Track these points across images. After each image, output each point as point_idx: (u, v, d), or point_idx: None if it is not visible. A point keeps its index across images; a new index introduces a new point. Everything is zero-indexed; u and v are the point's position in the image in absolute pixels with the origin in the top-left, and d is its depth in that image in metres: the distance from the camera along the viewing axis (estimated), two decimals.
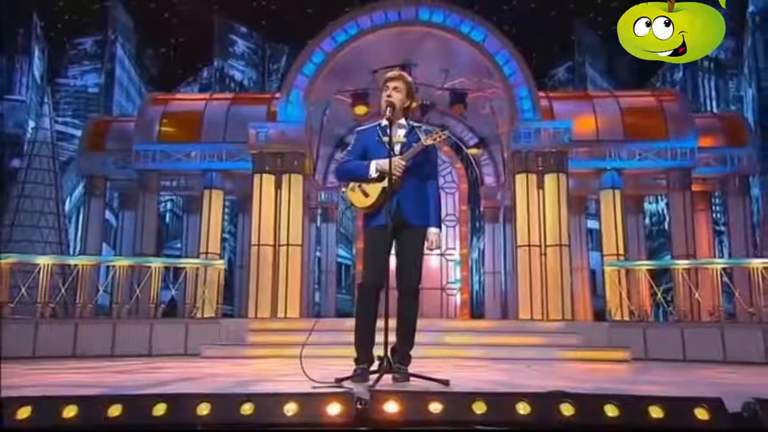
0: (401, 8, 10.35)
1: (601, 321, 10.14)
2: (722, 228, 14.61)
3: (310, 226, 12.56)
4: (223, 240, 12.78)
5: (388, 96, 3.91)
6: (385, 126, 3.93)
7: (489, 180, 13.67)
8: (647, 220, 15.36)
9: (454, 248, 13.52)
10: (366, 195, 3.80)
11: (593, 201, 13.50)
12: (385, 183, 3.71)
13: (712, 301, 9.40)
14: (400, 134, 3.90)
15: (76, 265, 9.33)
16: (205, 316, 9.56)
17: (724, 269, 9.16)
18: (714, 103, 16.32)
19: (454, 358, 7.20)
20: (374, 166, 3.76)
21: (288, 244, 9.89)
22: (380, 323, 3.56)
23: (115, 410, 2.05)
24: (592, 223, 13.91)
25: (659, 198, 16.23)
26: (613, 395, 2.09)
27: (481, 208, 14.08)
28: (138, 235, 11.40)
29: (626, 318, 9.60)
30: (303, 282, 10.19)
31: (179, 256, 13.40)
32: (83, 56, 17.70)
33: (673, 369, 6.17)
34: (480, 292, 15.16)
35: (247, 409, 2.08)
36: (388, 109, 3.86)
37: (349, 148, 4.17)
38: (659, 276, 11.47)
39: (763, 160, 13.18)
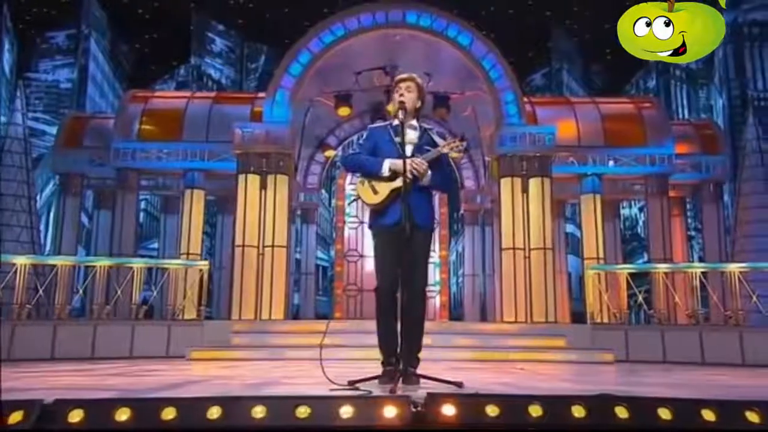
0: (389, 10, 10.36)
1: (578, 323, 10.30)
2: (693, 233, 15.02)
3: (290, 227, 12.48)
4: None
5: (401, 96, 3.88)
6: (397, 126, 3.90)
7: (469, 183, 13.77)
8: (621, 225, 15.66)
9: (434, 251, 13.60)
10: (375, 192, 3.77)
11: (568, 205, 13.75)
12: (396, 183, 3.70)
13: (687, 304, 9.65)
14: (411, 136, 3.86)
15: (54, 266, 9.07)
16: (186, 317, 9.42)
17: (702, 273, 9.36)
18: (685, 111, 16.75)
19: (443, 361, 7.20)
20: (387, 165, 3.72)
21: (273, 246, 9.81)
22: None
23: (169, 413, 2.01)
24: (567, 228, 14.15)
25: (632, 203, 16.57)
26: (665, 398, 2.13)
27: (461, 211, 14.17)
28: (116, 235, 11.17)
29: (606, 320, 9.75)
30: (287, 284, 10.12)
31: (154, 257, 13.18)
32: (55, 50, 17.28)
33: (663, 371, 6.29)
34: (458, 294, 15.27)
35: (302, 412, 2.07)
36: (400, 110, 3.83)
37: (360, 142, 4.13)
38: (634, 279, 11.71)
39: (732, 168, 13.55)
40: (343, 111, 11.77)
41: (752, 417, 2.06)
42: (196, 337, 8.58)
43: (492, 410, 2.08)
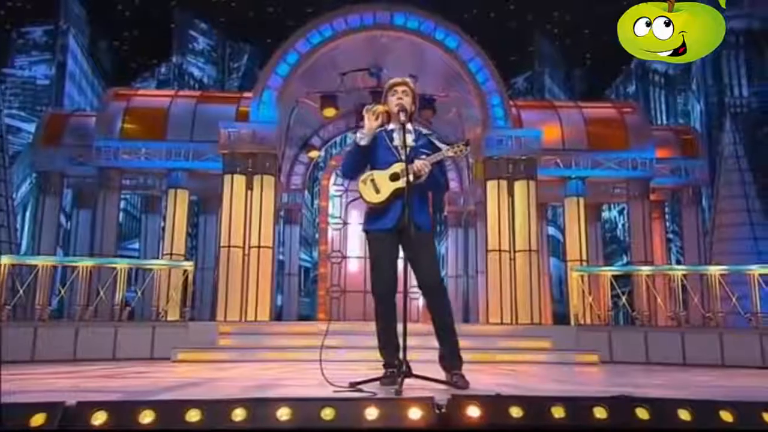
0: (376, 12, 10.36)
1: (560, 325, 10.42)
2: (671, 236, 15.28)
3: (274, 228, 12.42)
4: None
5: (399, 99, 3.90)
6: (392, 130, 3.92)
7: (452, 185, 13.82)
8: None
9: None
10: (377, 191, 3.77)
11: (548, 208, 13.89)
12: (399, 183, 3.71)
13: (667, 306, 9.82)
14: (408, 139, 3.87)
15: (34, 266, 8.90)
16: (169, 319, 9.35)
17: (684, 275, 9.52)
18: (663, 117, 17.03)
19: (433, 362, 7.21)
20: (358, 135, 3.81)
21: (259, 246, 9.73)
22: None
23: (193, 415, 1.99)
24: (548, 230, 14.28)
25: (611, 206, 16.79)
26: (684, 399, 2.16)
27: (444, 213, 14.23)
28: (97, 235, 10.98)
29: (589, 322, 9.85)
30: (272, 285, 10.07)
31: (134, 257, 13.01)
32: (32, 46, 16.92)
33: (651, 372, 6.39)
34: None
35: (328, 413, 2.06)
36: (401, 113, 3.85)
37: (348, 149, 4.13)
38: (615, 281, 11.87)
39: (710, 172, 13.82)
40: (329, 112, 11.74)
41: None
42: (181, 338, 8.49)
43: (516, 411, 2.10)
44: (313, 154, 13.72)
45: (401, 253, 3.82)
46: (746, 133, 14.48)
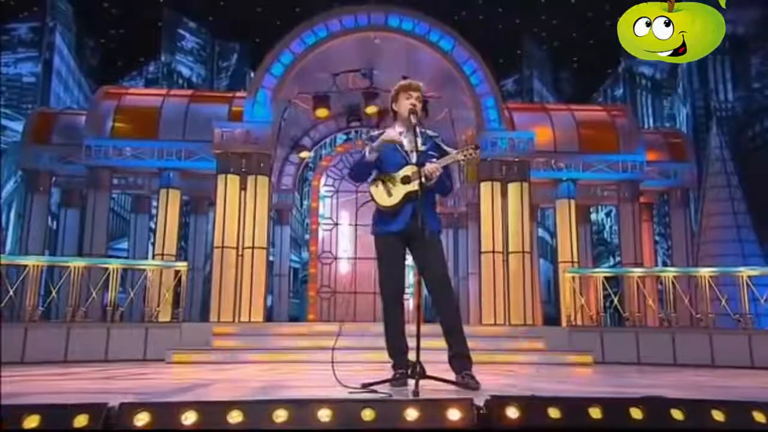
0: (371, 13, 10.36)
1: (549, 326, 10.51)
2: (657, 238, 15.46)
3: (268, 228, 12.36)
4: None
5: (413, 103, 3.91)
6: (400, 132, 3.94)
7: None
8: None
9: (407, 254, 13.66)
10: (389, 195, 3.80)
11: (538, 210, 13.97)
12: (411, 187, 3.73)
13: (657, 307, 9.94)
14: (417, 142, 3.88)
15: (25, 266, 8.78)
16: (161, 320, 9.28)
17: (674, 277, 9.63)
18: (650, 120, 17.23)
19: (433, 363, 7.22)
20: (368, 148, 3.81)
21: (253, 247, 9.69)
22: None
23: (236, 416, 1.98)
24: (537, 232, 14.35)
25: (599, 208, 16.95)
26: (719, 401, 2.19)
27: None
28: (86, 235, 10.84)
29: (580, 323, 9.93)
30: (266, 286, 10.03)
31: (123, 258, 12.86)
32: (17, 43, 16.65)
33: (648, 372, 6.45)
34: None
35: (368, 414, 2.06)
36: (412, 116, 3.86)
37: (363, 151, 4.10)
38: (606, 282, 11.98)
39: (696, 175, 14.00)
40: (322, 112, 11.74)
41: None
42: (174, 339, 8.45)
43: (554, 413, 2.11)
44: (304, 154, 13.69)
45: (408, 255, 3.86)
46: (732, 136, 14.69)
